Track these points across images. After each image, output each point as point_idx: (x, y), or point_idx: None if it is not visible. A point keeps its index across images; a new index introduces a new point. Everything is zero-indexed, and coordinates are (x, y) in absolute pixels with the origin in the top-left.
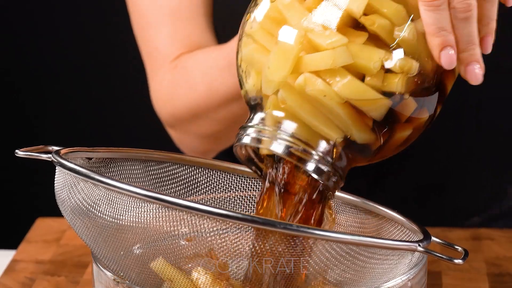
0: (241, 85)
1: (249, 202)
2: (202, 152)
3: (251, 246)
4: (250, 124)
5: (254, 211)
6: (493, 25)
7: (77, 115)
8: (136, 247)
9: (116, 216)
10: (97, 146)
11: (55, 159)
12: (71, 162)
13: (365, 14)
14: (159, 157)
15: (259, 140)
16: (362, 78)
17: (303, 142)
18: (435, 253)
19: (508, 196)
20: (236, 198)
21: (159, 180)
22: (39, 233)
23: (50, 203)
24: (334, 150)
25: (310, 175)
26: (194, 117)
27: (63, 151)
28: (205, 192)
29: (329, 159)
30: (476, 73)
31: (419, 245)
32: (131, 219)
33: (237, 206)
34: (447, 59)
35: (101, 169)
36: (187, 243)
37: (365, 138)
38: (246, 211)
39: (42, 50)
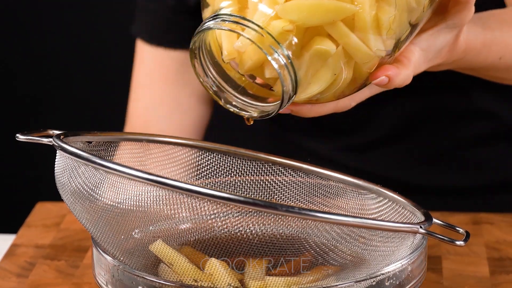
0: None
1: (249, 186)
2: None
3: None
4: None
5: (257, 195)
6: None
7: (77, 98)
8: (136, 231)
9: (117, 199)
10: (97, 129)
11: (56, 143)
12: (72, 146)
13: None
14: (159, 140)
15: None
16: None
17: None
18: (437, 235)
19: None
20: (236, 182)
21: (159, 163)
22: (39, 218)
23: (50, 188)
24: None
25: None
26: None
27: (64, 135)
28: (205, 176)
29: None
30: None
31: (420, 227)
32: (132, 202)
33: (237, 190)
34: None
35: (101, 153)
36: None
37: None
38: (246, 194)
39: (41, 34)
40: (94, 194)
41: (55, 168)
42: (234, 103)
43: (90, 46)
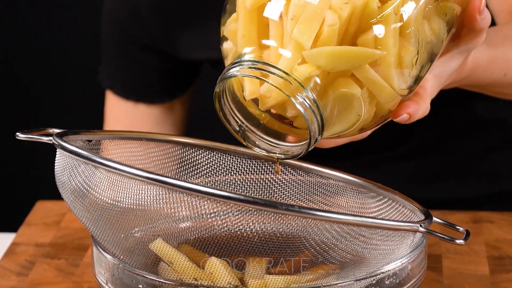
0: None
1: (249, 184)
2: None
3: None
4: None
5: (257, 194)
6: None
7: (77, 97)
8: (136, 230)
9: (116, 198)
10: (97, 128)
11: (56, 141)
12: (72, 145)
13: None
14: (159, 139)
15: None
16: None
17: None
18: (437, 234)
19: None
20: (236, 180)
21: (159, 161)
22: (39, 216)
23: (50, 186)
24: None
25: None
26: None
27: (64, 133)
28: (205, 174)
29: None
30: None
31: (420, 225)
32: (132, 201)
33: (237, 188)
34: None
35: (101, 151)
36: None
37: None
38: (246, 193)
39: (41, 34)
40: (94, 192)
41: (55, 167)
42: (257, 142)
43: (90, 45)
